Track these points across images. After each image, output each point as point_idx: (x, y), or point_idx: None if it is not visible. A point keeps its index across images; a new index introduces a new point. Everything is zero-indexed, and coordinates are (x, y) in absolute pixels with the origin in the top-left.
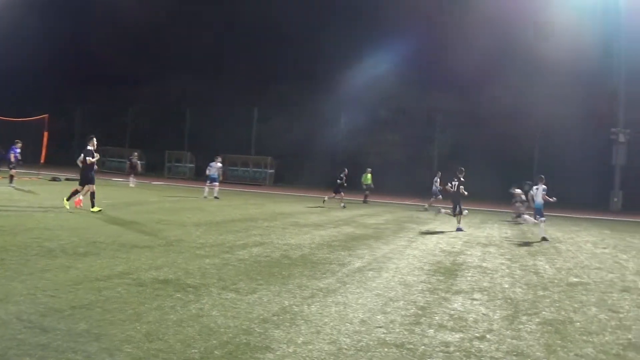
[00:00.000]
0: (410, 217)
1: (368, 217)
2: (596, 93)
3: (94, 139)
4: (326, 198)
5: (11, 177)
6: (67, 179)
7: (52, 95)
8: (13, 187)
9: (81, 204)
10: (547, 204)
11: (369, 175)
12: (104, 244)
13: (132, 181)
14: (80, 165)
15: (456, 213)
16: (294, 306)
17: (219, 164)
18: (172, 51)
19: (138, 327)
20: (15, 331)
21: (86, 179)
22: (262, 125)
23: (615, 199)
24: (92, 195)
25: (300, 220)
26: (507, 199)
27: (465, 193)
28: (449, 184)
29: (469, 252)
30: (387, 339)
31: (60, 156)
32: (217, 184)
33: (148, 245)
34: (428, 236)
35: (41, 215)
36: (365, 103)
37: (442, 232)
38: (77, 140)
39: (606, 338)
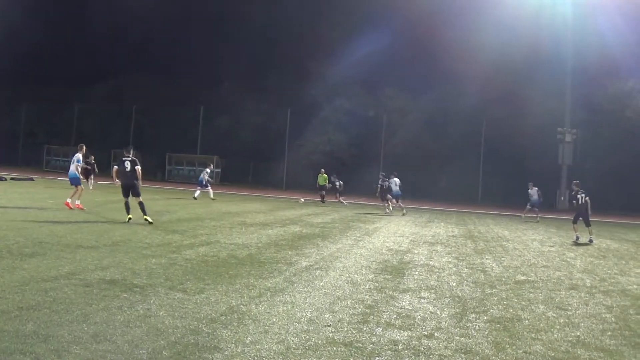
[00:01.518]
0: (357, 217)
1: (315, 217)
2: (545, 92)
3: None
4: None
5: None
6: (12, 179)
7: None
8: None
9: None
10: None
11: (325, 176)
12: (49, 244)
13: (91, 184)
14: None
15: (588, 226)
16: (241, 306)
17: (208, 170)
18: (120, 50)
19: (85, 328)
20: None
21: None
22: (208, 125)
23: (562, 198)
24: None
25: (247, 219)
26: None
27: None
28: (576, 198)
29: (415, 251)
30: (336, 337)
31: (6, 155)
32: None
33: (94, 246)
34: (375, 235)
35: None
36: (314, 101)
37: (389, 231)
38: (23, 140)
39: (555, 335)
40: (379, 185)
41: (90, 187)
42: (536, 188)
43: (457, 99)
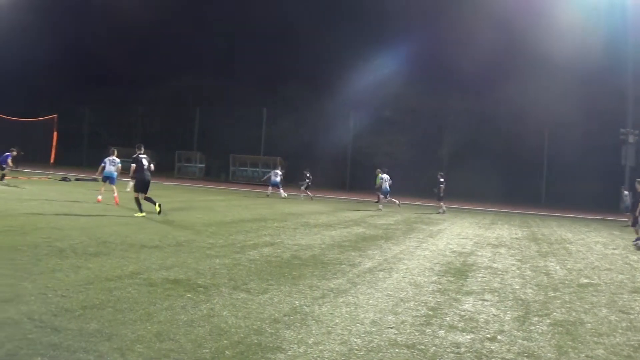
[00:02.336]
0: (420, 218)
1: (378, 218)
2: (605, 92)
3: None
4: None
5: (2, 175)
6: (77, 179)
7: (62, 96)
8: (4, 183)
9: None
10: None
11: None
12: (114, 244)
13: (130, 186)
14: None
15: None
16: (304, 306)
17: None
18: (183, 51)
19: (149, 327)
20: (26, 331)
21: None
22: (271, 126)
23: (625, 197)
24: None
25: (310, 220)
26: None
27: None
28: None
29: (479, 253)
30: (398, 339)
31: (70, 156)
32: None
33: (158, 246)
34: (439, 237)
35: (51, 215)
36: (374, 103)
37: (452, 233)
38: (86, 141)
39: (617, 339)
40: (441, 186)
41: (128, 189)
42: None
43: (518, 100)
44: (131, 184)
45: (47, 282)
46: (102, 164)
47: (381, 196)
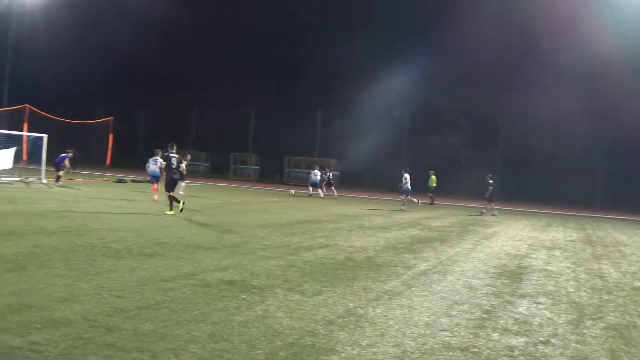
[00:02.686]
0: (475, 220)
1: (433, 220)
2: None
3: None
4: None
5: (58, 177)
6: (132, 181)
7: (117, 98)
8: (60, 185)
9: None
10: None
11: (434, 177)
12: (169, 245)
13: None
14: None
15: None
16: (358, 308)
17: (318, 172)
18: (239, 53)
19: (203, 328)
20: (81, 330)
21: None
22: (325, 128)
23: None
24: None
25: (365, 222)
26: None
27: None
28: None
29: (534, 256)
30: (452, 342)
31: (126, 158)
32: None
33: (213, 247)
34: (493, 239)
35: (107, 217)
36: (428, 104)
37: (507, 235)
38: (142, 142)
39: None
40: (490, 188)
41: (181, 191)
42: None
43: (575, 101)
44: (183, 184)
45: (103, 282)
46: (147, 164)
47: (402, 196)
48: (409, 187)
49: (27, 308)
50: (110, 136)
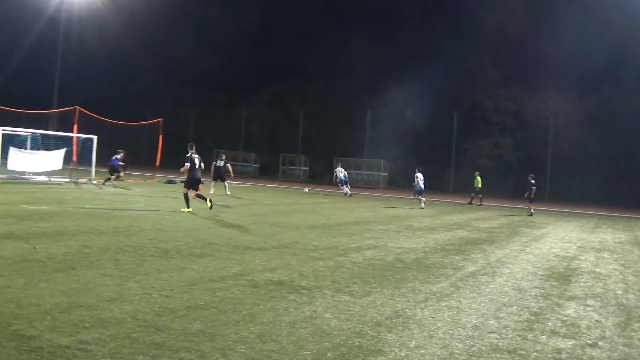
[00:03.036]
0: (524, 221)
1: (482, 221)
2: None
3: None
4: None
5: (109, 178)
6: (182, 182)
7: (167, 100)
8: (111, 185)
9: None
10: None
11: (479, 178)
12: (218, 246)
13: (226, 187)
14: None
15: None
16: (407, 310)
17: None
18: (287, 53)
19: (252, 328)
20: (129, 330)
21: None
22: (374, 128)
23: None
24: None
25: (414, 223)
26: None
27: None
28: None
29: (582, 257)
30: (500, 344)
31: (175, 159)
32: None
33: (262, 248)
34: (542, 240)
35: (157, 217)
36: (477, 104)
37: (556, 237)
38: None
39: None
40: (533, 188)
41: (228, 192)
42: None
43: (625, 100)
44: (226, 184)
45: (152, 282)
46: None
47: (416, 195)
48: (422, 186)
49: (76, 307)
50: (160, 137)
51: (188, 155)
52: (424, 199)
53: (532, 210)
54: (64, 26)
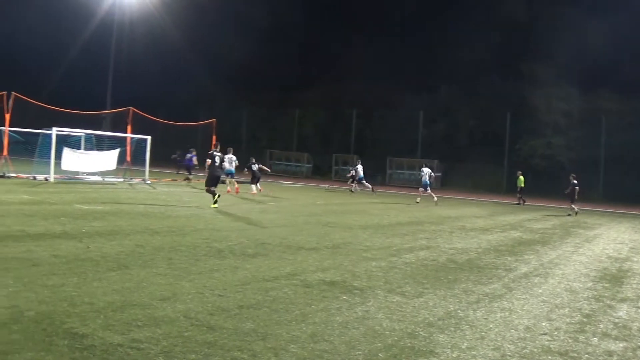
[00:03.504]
0: (577, 222)
1: (535, 222)
2: None
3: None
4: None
5: (187, 177)
6: (236, 182)
7: (220, 100)
8: (191, 185)
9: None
10: None
11: (522, 178)
12: (271, 246)
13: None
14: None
15: None
16: (459, 311)
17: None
18: (338, 54)
19: (304, 328)
20: (182, 329)
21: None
22: (427, 128)
23: None
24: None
25: (466, 224)
26: None
27: None
28: None
29: (635, 259)
30: (552, 346)
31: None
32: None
33: (315, 247)
34: (595, 242)
35: (210, 217)
36: (530, 104)
37: (608, 238)
38: (245, 143)
39: None
40: (576, 188)
41: (255, 191)
42: None
43: None
44: (253, 187)
45: (205, 281)
46: (223, 163)
47: (420, 189)
48: (427, 181)
49: (130, 306)
50: (214, 137)
51: (210, 152)
52: (429, 194)
53: (577, 210)
54: (116, 28)
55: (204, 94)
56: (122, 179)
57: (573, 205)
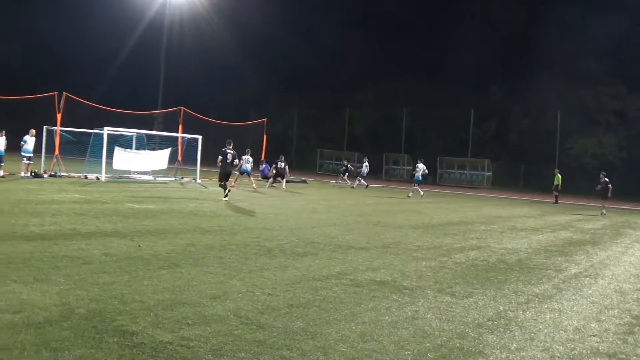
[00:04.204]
0: (627, 222)
1: (585, 222)
2: None
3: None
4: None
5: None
6: (287, 181)
7: (271, 100)
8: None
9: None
10: None
11: (559, 176)
12: (322, 245)
13: (273, 183)
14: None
15: None
16: (508, 311)
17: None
18: (389, 53)
19: (353, 327)
20: (232, 327)
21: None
22: (477, 128)
23: None
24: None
25: (517, 224)
26: None
27: None
28: None
29: None
30: (600, 348)
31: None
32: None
33: (365, 247)
34: None
35: (261, 216)
36: (581, 103)
37: None
38: (295, 143)
39: None
40: (609, 186)
41: (284, 187)
42: None
43: None
44: (283, 184)
45: (255, 280)
46: (240, 161)
47: (416, 185)
48: (420, 177)
49: (180, 304)
50: (264, 137)
51: (223, 149)
52: (416, 189)
53: (603, 211)
54: (166, 28)
55: (254, 93)
56: (173, 179)
57: (603, 205)
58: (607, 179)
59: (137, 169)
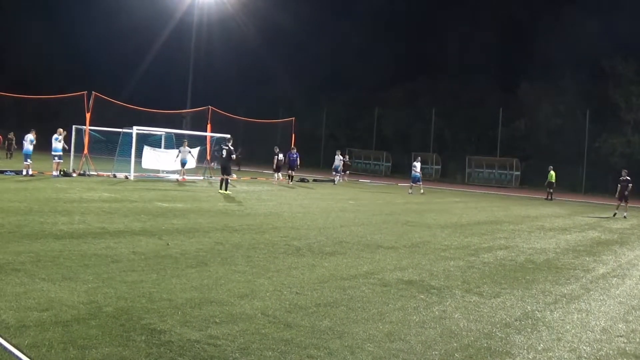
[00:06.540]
0: None
1: (614, 222)
2: None
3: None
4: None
5: (291, 176)
6: (314, 180)
7: (300, 100)
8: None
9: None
10: None
11: (552, 173)
12: (350, 244)
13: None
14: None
15: None
16: (536, 312)
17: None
18: (418, 52)
19: (380, 327)
20: (259, 326)
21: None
22: (506, 127)
23: None
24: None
25: (545, 223)
26: None
27: None
28: None
29: None
30: (627, 349)
31: (308, 158)
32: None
33: (393, 246)
34: None
35: (289, 215)
36: (610, 102)
37: None
38: (324, 142)
39: None
40: (630, 185)
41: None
42: None
43: None
44: (276, 175)
45: (283, 279)
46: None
47: (412, 182)
48: (417, 174)
49: (208, 303)
50: (293, 135)
51: (220, 145)
52: (415, 185)
53: (616, 211)
54: (195, 28)
55: (283, 93)
56: (202, 178)
57: (622, 204)
58: (628, 177)
59: (165, 168)
